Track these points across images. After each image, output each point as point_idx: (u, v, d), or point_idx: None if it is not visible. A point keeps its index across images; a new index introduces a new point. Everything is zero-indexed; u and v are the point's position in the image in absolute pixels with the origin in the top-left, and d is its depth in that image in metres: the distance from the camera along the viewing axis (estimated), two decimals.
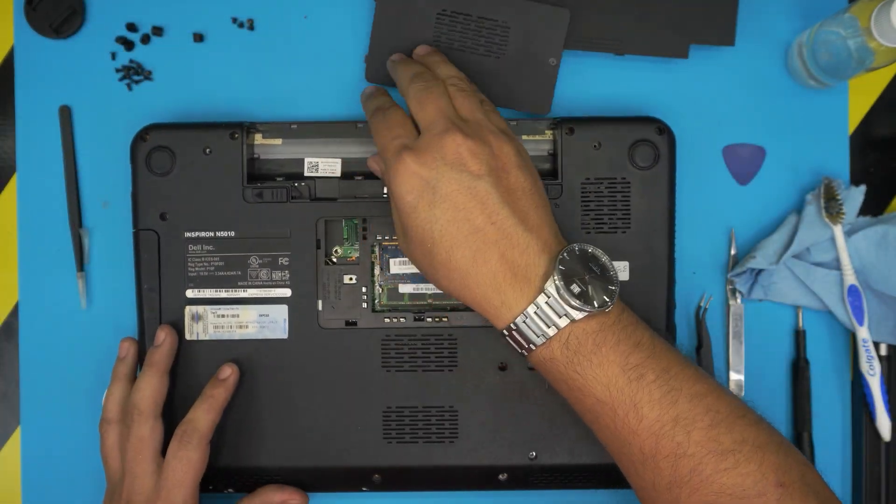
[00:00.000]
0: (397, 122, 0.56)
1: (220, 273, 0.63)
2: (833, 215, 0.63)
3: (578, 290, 0.52)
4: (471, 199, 0.52)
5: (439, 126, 0.54)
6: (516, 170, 0.54)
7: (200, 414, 0.60)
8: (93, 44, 0.67)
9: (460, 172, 0.52)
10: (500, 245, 0.52)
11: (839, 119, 0.67)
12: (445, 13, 0.65)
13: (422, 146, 0.53)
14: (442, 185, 0.52)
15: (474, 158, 0.53)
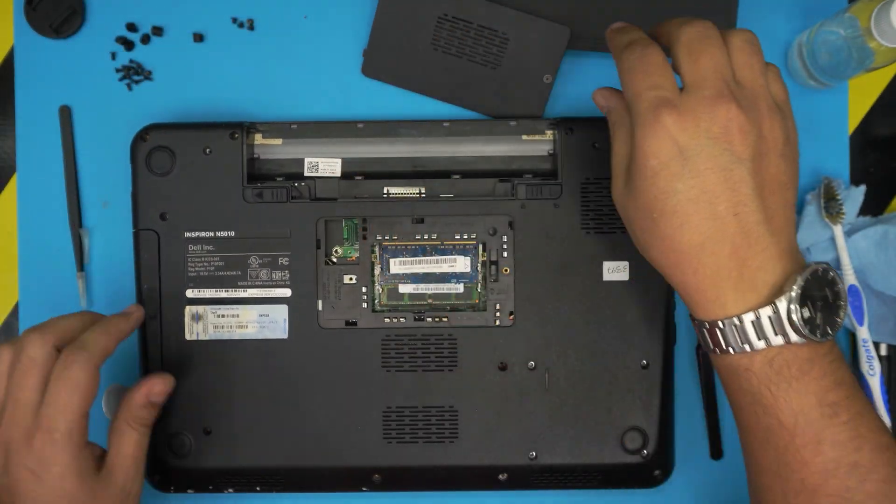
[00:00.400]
0: (658, 66, 0.48)
1: (220, 273, 0.63)
2: (833, 215, 0.63)
3: (808, 314, 0.47)
4: (723, 182, 0.46)
5: (712, 87, 0.47)
6: (778, 158, 0.48)
7: (93, 336, 0.54)
8: (93, 44, 0.67)
9: (722, 150, 0.46)
10: (736, 240, 0.47)
11: (839, 119, 0.67)
12: (446, 18, 0.65)
13: (686, 107, 0.47)
14: (697, 159, 0.46)
15: (742, 137, 0.47)
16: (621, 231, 0.62)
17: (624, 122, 0.51)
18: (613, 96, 0.53)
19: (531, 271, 0.63)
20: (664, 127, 0.47)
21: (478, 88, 0.65)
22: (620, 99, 0.52)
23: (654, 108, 0.47)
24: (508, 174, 0.64)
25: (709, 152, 0.46)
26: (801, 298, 0.46)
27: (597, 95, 0.54)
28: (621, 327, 0.63)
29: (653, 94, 0.47)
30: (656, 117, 0.47)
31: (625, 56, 0.50)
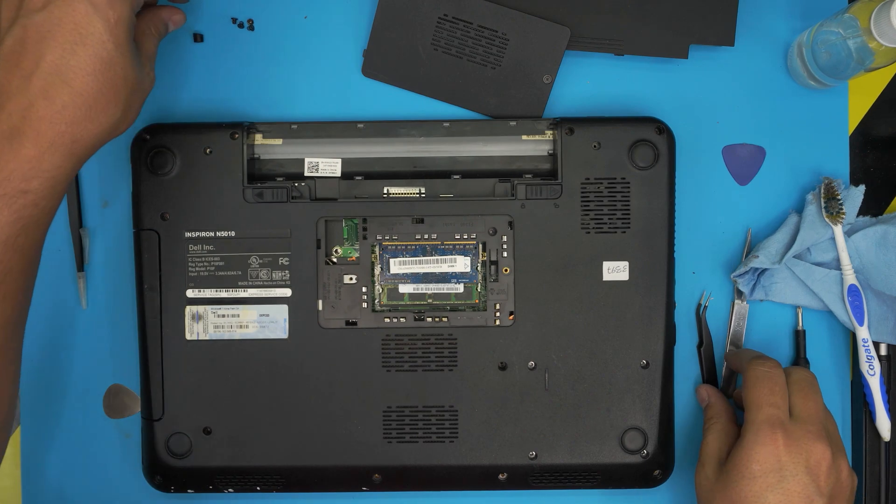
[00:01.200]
0: (781, 388, 0.58)
1: (221, 273, 0.63)
2: (833, 215, 0.63)
3: None
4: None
5: (816, 426, 0.57)
6: (848, 495, 0.57)
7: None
8: None
9: (811, 481, 0.55)
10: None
11: (839, 119, 0.67)
12: (447, 18, 0.65)
13: (795, 435, 0.56)
14: (791, 480, 0.55)
15: (827, 476, 0.56)
16: (621, 231, 0.62)
17: (722, 420, 0.61)
18: (715, 395, 0.64)
19: (531, 271, 0.63)
20: (775, 442, 0.55)
21: (478, 88, 0.65)
22: (722, 400, 0.63)
23: (770, 422, 0.56)
24: (508, 174, 0.64)
25: (801, 479, 0.55)
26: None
27: (700, 391, 0.65)
28: (621, 327, 0.63)
29: (773, 411, 0.56)
30: (771, 431, 0.55)
31: (755, 367, 0.59)
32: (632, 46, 0.65)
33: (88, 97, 0.52)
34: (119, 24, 0.52)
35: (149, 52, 0.58)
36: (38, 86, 0.51)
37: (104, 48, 0.51)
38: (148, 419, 0.63)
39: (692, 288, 0.67)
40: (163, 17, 0.60)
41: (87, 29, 0.51)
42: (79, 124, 0.52)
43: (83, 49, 0.51)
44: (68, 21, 0.51)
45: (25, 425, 0.67)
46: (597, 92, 0.67)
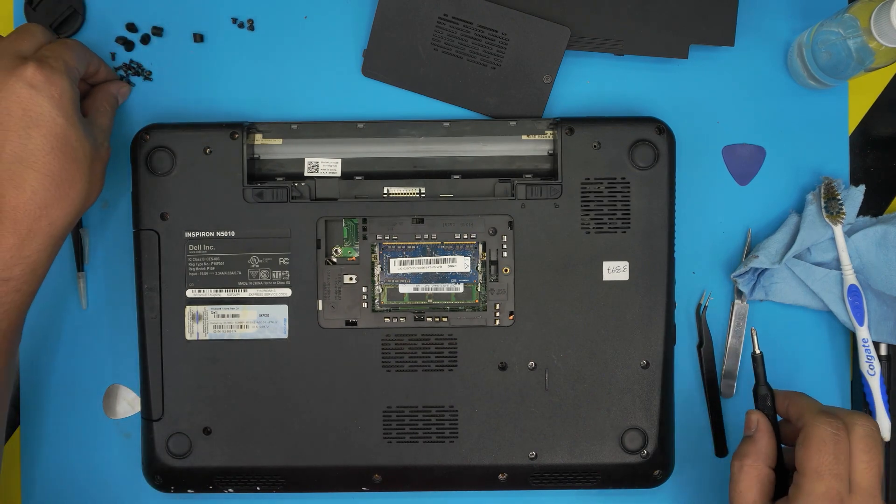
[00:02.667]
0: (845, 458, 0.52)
1: (220, 273, 0.63)
2: (833, 215, 0.63)
3: None
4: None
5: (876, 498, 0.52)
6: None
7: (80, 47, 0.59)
8: (92, 44, 0.67)
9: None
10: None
11: (839, 119, 0.67)
12: (447, 18, 0.65)
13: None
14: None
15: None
16: (621, 231, 0.62)
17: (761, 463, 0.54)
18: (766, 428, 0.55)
19: (531, 271, 0.63)
20: None
21: (478, 88, 0.65)
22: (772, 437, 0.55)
23: (830, 498, 0.50)
24: (508, 174, 0.64)
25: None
26: None
27: (752, 417, 0.56)
28: (621, 327, 0.63)
29: (834, 484, 0.50)
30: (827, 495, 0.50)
31: (821, 425, 0.52)
32: (632, 46, 0.65)
33: (55, 176, 0.53)
34: (63, 97, 0.53)
35: (102, 125, 0.60)
36: (5, 176, 0.52)
37: (56, 124, 0.53)
38: (148, 419, 0.63)
39: (692, 288, 0.67)
40: (111, 91, 0.62)
41: (35, 110, 0.52)
42: (52, 206, 0.53)
43: (37, 130, 0.52)
44: (16, 108, 0.52)
45: (25, 425, 0.67)
46: (597, 92, 0.67)
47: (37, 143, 0.52)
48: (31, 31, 0.57)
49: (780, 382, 0.66)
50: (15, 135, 0.52)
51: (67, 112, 0.54)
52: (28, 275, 0.54)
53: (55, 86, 0.53)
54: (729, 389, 0.66)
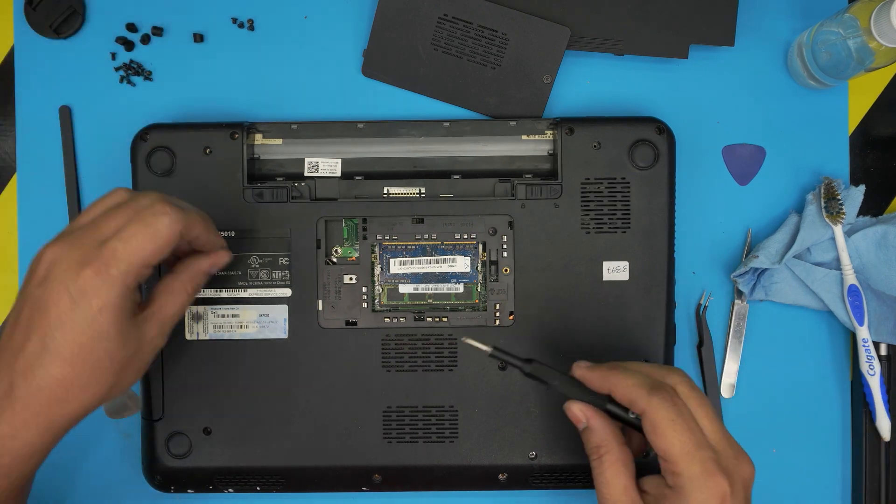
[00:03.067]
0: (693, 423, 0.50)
1: (220, 273, 0.63)
2: (833, 215, 0.63)
3: None
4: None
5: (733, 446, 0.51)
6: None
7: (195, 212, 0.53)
8: (93, 44, 0.67)
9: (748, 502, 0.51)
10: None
11: (839, 119, 0.67)
12: (446, 18, 0.65)
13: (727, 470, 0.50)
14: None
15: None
16: (621, 231, 0.62)
17: (614, 448, 0.52)
18: (595, 416, 0.53)
19: (531, 271, 0.63)
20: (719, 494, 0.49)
21: (478, 88, 0.65)
22: (605, 421, 0.53)
23: (708, 474, 0.49)
24: (508, 174, 0.64)
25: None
26: None
27: (574, 409, 0.54)
28: (621, 327, 0.63)
29: (705, 455, 0.49)
30: (714, 485, 0.49)
31: (659, 405, 0.50)
32: (632, 46, 0.65)
33: (65, 381, 0.50)
34: (104, 310, 0.50)
35: (166, 314, 0.54)
36: (21, 365, 0.50)
37: (84, 335, 0.50)
38: (148, 419, 0.63)
39: (692, 288, 0.67)
40: (200, 269, 0.56)
41: (67, 316, 0.49)
42: (55, 406, 0.51)
43: (62, 335, 0.49)
44: (52, 306, 0.50)
45: None
46: (597, 92, 0.67)
47: (58, 346, 0.50)
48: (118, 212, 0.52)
49: (779, 382, 0.67)
50: (42, 330, 0.50)
51: (102, 326, 0.50)
52: (19, 463, 0.52)
53: (99, 297, 0.49)
54: (729, 389, 0.66)
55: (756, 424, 0.66)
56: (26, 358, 0.50)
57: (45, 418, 0.51)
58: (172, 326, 0.55)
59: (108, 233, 0.51)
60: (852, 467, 0.66)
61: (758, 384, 0.67)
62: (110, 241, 0.50)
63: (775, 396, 0.66)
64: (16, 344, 0.50)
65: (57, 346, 0.49)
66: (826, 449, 0.66)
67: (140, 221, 0.51)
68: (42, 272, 0.51)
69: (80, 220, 0.53)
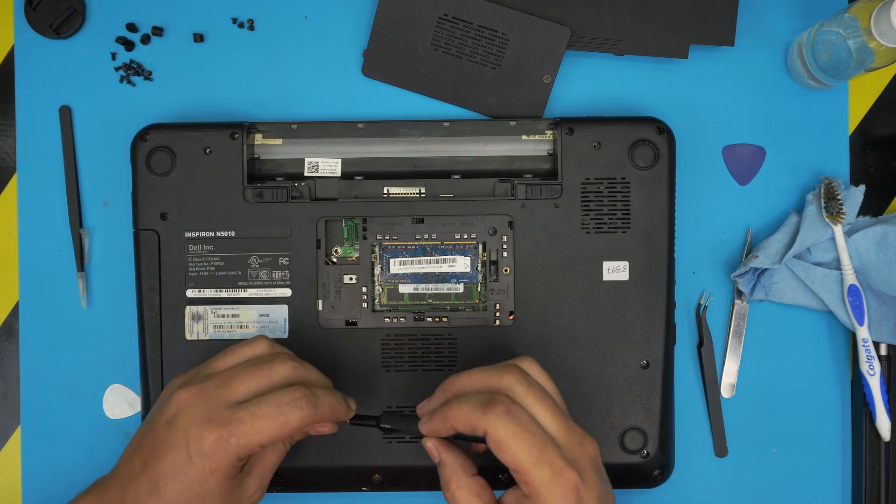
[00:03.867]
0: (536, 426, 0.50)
1: (220, 273, 0.63)
2: (833, 215, 0.63)
3: None
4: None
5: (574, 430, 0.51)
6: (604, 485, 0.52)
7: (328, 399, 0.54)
8: (93, 44, 0.67)
9: (605, 482, 0.52)
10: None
11: (839, 119, 0.67)
12: (446, 18, 0.65)
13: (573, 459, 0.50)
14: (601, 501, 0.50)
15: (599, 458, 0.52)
16: (621, 231, 0.62)
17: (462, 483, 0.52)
18: (445, 450, 0.53)
19: (531, 271, 0.63)
20: (574, 489, 0.49)
21: (478, 88, 0.65)
22: (455, 452, 0.53)
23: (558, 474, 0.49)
24: (508, 174, 0.64)
25: (603, 489, 0.51)
26: None
27: (427, 445, 0.54)
28: (621, 327, 0.63)
29: (548, 460, 0.49)
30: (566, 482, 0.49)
31: (498, 422, 0.50)
32: (632, 46, 0.65)
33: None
34: (214, 473, 0.51)
35: (265, 468, 0.55)
36: (132, 495, 0.52)
37: (191, 490, 0.51)
38: None
39: (692, 288, 0.67)
40: (304, 430, 0.56)
41: (181, 469, 0.51)
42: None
43: (173, 485, 0.51)
44: (171, 453, 0.51)
45: (25, 425, 0.67)
46: (597, 92, 0.67)
47: (167, 493, 0.51)
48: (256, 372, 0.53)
49: (779, 382, 0.67)
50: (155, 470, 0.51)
51: (209, 486, 0.51)
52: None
53: (213, 460, 0.51)
54: (729, 389, 0.66)
55: (756, 424, 0.66)
56: (137, 491, 0.52)
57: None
58: (271, 477, 0.56)
59: (240, 395, 0.52)
60: (852, 467, 0.66)
61: (758, 384, 0.67)
62: (241, 411, 0.51)
63: (775, 396, 0.66)
64: (133, 472, 0.52)
65: (166, 492, 0.51)
66: (826, 449, 0.66)
67: (275, 405, 0.51)
68: (171, 413, 0.52)
69: (217, 364, 0.55)
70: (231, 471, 0.52)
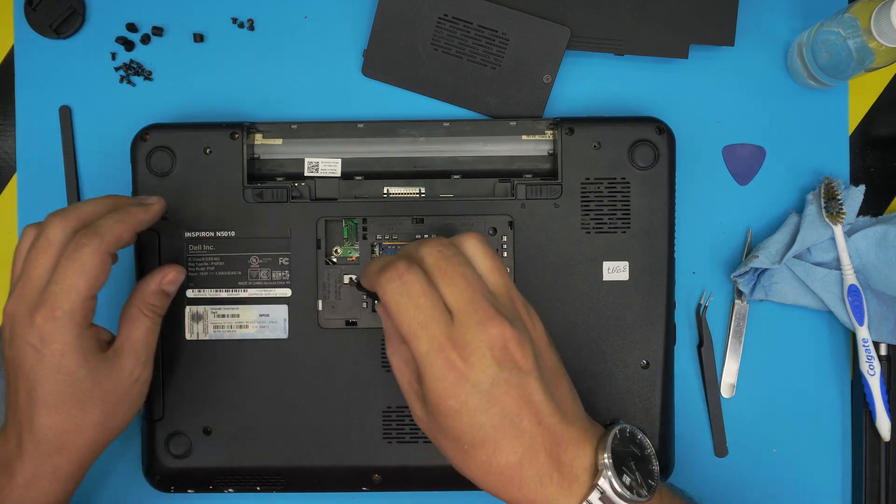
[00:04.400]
0: (425, 299, 0.48)
1: (220, 273, 0.63)
2: (833, 215, 0.63)
3: (629, 479, 0.48)
4: (520, 400, 0.48)
5: (478, 310, 0.48)
6: (548, 349, 0.51)
7: (108, 222, 0.53)
8: (93, 44, 0.67)
9: (510, 370, 0.48)
10: (547, 445, 0.48)
11: (839, 119, 0.67)
12: (447, 18, 0.65)
13: (464, 340, 0.47)
14: (491, 388, 0.47)
15: (521, 349, 0.48)
16: (621, 231, 0.62)
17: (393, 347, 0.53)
18: (387, 318, 0.53)
19: (531, 271, 0.63)
20: (452, 368, 0.47)
21: (478, 88, 0.65)
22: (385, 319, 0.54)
23: (435, 351, 0.47)
24: (508, 174, 0.64)
25: (499, 377, 0.47)
26: (616, 468, 0.48)
27: (379, 309, 0.55)
28: (621, 327, 0.63)
29: (430, 334, 0.47)
30: (442, 360, 0.47)
31: (385, 287, 0.49)
32: (632, 46, 0.65)
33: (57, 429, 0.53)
34: (66, 353, 0.52)
35: (134, 344, 0.56)
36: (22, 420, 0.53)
37: (57, 381, 0.52)
38: (148, 419, 0.63)
39: (692, 288, 0.67)
40: (153, 290, 0.57)
41: (38, 367, 0.52)
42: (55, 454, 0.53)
43: (41, 386, 0.53)
44: (24, 361, 0.53)
45: None
46: (597, 92, 0.67)
47: (41, 396, 0.52)
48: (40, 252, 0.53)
49: (779, 382, 0.67)
50: (25, 386, 0.53)
51: (69, 368, 0.52)
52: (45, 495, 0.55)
53: (57, 342, 0.52)
54: (729, 389, 0.66)
55: (756, 424, 0.66)
56: (23, 412, 0.53)
57: (50, 466, 0.53)
58: (148, 354, 0.56)
59: (40, 277, 0.53)
60: (852, 467, 0.66)
61: (758, 384, 0.67)
62: (49, 285, 0.52)
63: (775, 396, 0.66)
64: (12, 401, 0.54)
65: (39, 396, 0.52)
66: (826, 449, 0.66)
67: (66, 258, 0.52)
68: (7, 332, 0.54)
69: (14, 273, 0.55)
70: (85, 343, 0.53)
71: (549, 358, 0.50)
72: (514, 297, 0.51)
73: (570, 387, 0.51)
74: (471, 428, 0.48)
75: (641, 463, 0.50)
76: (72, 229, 0.53)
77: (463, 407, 0.47)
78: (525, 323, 0.50)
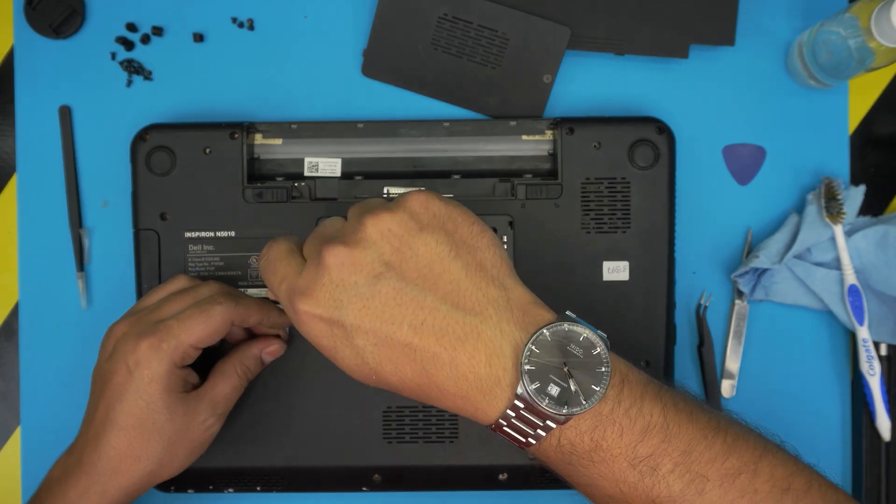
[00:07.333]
0: (280, 259, 0.50)
1: (220, 273, 0.63)
2: (833, 215, 0.63)
3: (557, 390, 0.43)
4: (382, 314, 0.45)
5: (314, 249, 0.48)
6: (419, 237, 0.46)
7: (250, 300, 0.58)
8: (93, 44, 0.67)
9: (356, 289, 0.45)
10: (446, 353, 0.45)
11: (839, 119, 0.67)
12: (447, 17, 0.65)
13: (308, 283, 0.47)
14: (346, 315, 0.46)
15: (360, 264, 0.45)
16: (621, 231, 0.62)
17: None
18: None
19: (531, 271, 0.63)
20: (306, 313, 0.47)
21: (478, 88, 0.65)
22: None
23: (289, 300, 0.48)
24: (508, 174, 0.64)
25: (348, 301, 0.45)
26: (535, 379, 0.43)
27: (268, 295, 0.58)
28: (621, 327, 0.62)
29: (284, 287, 0.49)
30: (295, 309, 0.47)
31: (260, 258, 0.52)
32: (632, 46, 0.65)
33: (120, 450, 0.54)
34: (153, 381, 0.54)
35: (217, 396, 0.57)
36: (91, 434, 0.55)
37: (136, 405, 0.54)
38: None
39: (692, 288, 0.67)
40: (252, 353, 0.59)
41: (124, 386, 0.54)
42: (109, 476, 0.54)
43: (121, 405, 0.54)
44: (115, 377, 0.54)
45: (25, 425, 0.67)
46: (597, 92, 0.67)
47: (117, 415, 0.54)
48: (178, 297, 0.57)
49: (779, 382, 0.67)
50: (106, 400, 0.54)
51: (152, 396, 0.54)
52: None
53: (149, 368, 0.54)
54: (729, 389, 0.66)
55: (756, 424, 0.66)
56: (95, 428, 0.55)
57: (99, 487, 0.54)
58: (226, 409, 0.58)
59: (167, 315, 0.55)
60: (852, 467, 0.66)
61: (758, 384, 0.67)
62: (169, 319, 0.55)
63: (775, 396, 0.66)
64: (89, 415, 0.55)
65: (116, 415, 0.54)
66: (826, 449, 0.66)
67: (197, 307, 0.55)
68: (110, 348, 0.56)
69: (144, 303, 0.58)
70: (173, 380, 0.54)
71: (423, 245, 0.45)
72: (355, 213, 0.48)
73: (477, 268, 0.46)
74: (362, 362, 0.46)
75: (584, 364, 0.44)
76: (219, 292, 0.57)
77: (338, 344, 0.47)
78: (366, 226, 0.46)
